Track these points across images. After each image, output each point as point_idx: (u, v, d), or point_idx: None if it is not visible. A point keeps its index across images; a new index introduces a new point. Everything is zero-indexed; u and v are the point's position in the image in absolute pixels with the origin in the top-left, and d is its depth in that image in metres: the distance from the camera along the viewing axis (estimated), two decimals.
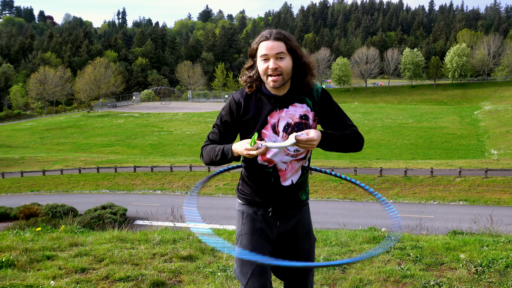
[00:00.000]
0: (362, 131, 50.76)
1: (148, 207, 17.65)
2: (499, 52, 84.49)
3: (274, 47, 2.12)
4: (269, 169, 2.24)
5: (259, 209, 2.30)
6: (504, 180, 21.63)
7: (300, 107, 2.22)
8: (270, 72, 2.12)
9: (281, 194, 2.27)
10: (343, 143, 2.21)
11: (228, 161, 2.19)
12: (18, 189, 28.05)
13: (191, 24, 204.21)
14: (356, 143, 2.25)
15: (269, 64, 2.12)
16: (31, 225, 10.18)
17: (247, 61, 2.32)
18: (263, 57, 2.15)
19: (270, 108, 2.20)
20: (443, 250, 4.41)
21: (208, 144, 2.31)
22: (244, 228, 2.32)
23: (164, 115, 64.08)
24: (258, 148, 2.03)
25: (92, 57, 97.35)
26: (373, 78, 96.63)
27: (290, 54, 2.17)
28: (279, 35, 2.16)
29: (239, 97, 2.26)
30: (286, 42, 2.15)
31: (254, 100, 2.23)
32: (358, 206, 19.82)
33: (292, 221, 2.33)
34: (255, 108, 2.21)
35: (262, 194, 2.28)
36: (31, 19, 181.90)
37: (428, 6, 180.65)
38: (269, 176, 2.24)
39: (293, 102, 2.22)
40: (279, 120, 2.20)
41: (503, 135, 42.22)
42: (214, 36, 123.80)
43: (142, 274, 3.84)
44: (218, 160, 2.21)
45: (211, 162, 2.25)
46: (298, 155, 2.24)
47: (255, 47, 2.20)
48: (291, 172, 2.25)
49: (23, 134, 54.14)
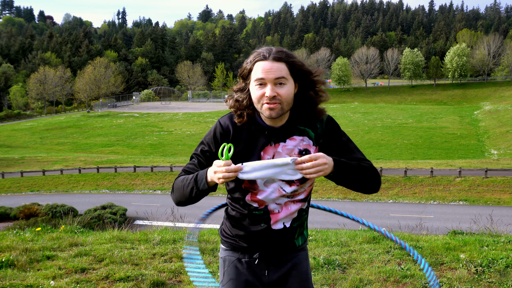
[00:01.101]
0: (362, 131, 50.60)
1: (148, 207, 17.64)
2: (499, 52, 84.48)
3: (272, 70, 1.72)
4: (259, 211, 1.82)
5: (243, 256, 1.89)
6: (504, 180, 21.62)
7: (300, 141, 1.82)
8: (266, 101, 1.72)
9: (271, 239, 1.85)
10: (361, 175, 1.77)
11: (201, 193, 1.74)
12: (18, 189, 28.03)
13: (191, 24, 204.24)
14: (374, 179, 1.81)
15: (266, 91, 1.72)
16: (31, 225, 10.18)
17: (236, 81, 1.91)
18: (258, 81, 1.73)
19: (264, 141, 1.80)
20: (443, 250, 4.41)
21: (182, 175, 1.87)
22: (225, 279, 1.93)
23: (164, 115, 64.07)
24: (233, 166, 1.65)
25: (92, 57, 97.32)
26: (373, 78, 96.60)
27: (293, 78, 1.78)
28: (280, 54, 1.75)
29: (227, 123, 1.84)
30: (289, 63, 1.76)
31: (246, 129, 1.82)
32: (358, 206, 19.80)
33: (284, 269, 1.90)
34: (246, 139, 1.81)
35: (247, 238, 1.86)
36: (31, 19, 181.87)
37: (428, 6, 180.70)
38: (259, 219, 1.83)
39: (292, 134, 1.82)
40: (274, 156, 1.80)
41: (503, 135, 42.21)
42: (214, 36, 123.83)
43: (142, 274, 3.84)
44: (188, 192, 1.76)
45: (181, 197, 1.81)
46: (296, 195, 1.83)
47: (248, 67, 1.78)
48: (284, 214, 1.83)
49: (23, 134, 54.13)
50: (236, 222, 1.89)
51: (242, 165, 1.66)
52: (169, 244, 4.81)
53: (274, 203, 1.81)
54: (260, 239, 1.85)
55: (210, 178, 1.70)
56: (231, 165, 1.64)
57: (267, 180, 1.79)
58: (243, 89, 1.84)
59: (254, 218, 1.83)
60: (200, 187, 1.73)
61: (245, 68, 1.79)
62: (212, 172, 1.68)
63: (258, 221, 1.83)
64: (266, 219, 1.83)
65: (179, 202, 1.86)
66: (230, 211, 1.92)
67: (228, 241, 1.92)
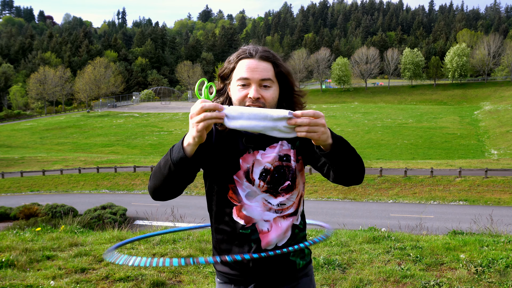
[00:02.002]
0: (362, 131, 50.58)
1: (148, 207, 17.63)
2: (499, 52, 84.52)
3: (258, 69, 1.55)
4: (246, 229, 1.60)
5: (238, 287, 1.66)
6: (504, 180, 21.62)
7: (279, 147, 1.63)
8: (249, 102, 1.53)
9: (265, 265, 1.62)
10: (355, 156, 1.54)
11: (177, 166, 1.44)
12: (18, 189, 28.04)
13: (191, 24, 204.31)
14: (362, 166, 1.59)
15: (249, 92, 1.54)
16: (31, 225, 10.18)
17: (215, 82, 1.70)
18: (241, 81, 1.55)
19: (242, 147, 1.61)
20: (443, 250, 4.41)
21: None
22: None
23: (164, 115, 64.07)
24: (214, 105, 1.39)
25: (92, 57, 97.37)
26: (373, 78, 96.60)
27: (278, 81, 1.60)
28: (268, 53, 1.59)
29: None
30: (276, 64, 1.59)
31: (226, 134, 1.63)
32: (358, 206, 19.80)
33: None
34: (224, 145, 1.62)
35: (238, 264, 1.63)
36: (31, 19, 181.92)
37: (428, 6, 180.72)
38: (247, 239, 1.61)
39: (272, 142, 1.63)
40: (253, 164, 1.61)
41: (503, 135, 42.22)
42: (214, 36, 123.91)
43: (142, 274, 3.84)
44: (166, 171, 1.47)
45: (156, 180, 1.51)
46: (284, 209, 1.63)
47: (230, 66, 1.60)
48: (276, 234, 1.61)
49: (23, 134, 54.14)
50: (225, 246, 1.65)
51: (224, 107, 1.40)
52: (169, 244, 4.81)
53: (262, 219, 1.60)
54: (253, 265, 1.61)
55: (186, 141, 1.43)
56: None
57: (249, 193, 1.61)
58: (220, 90, 1.65)
59: (242, 238, 1.60)
60: (174, 156, 1.43)
61: (227, 68, 1.61)
62: (189, 131, 1.42)
63: (247, 241, 1.60)
64: (255, 240, 1.60)
65: (155, 188, 1.53)
66: (216, 235, 1.69)
67: (220, 272, 1.69)
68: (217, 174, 1.63)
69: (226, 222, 1.63)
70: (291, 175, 1.64)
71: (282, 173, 1.62)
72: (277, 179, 1.62)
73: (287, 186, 1.63)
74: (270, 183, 1.61)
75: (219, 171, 1.62)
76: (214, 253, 1.72)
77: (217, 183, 1.64)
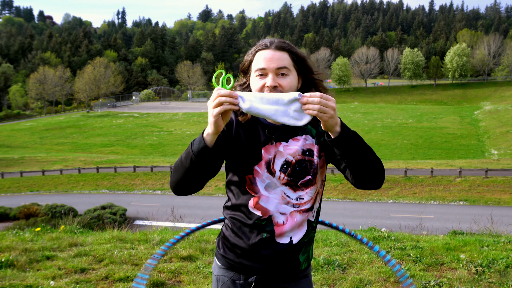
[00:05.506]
0: (362, 131, 50.68)
1: (148, 207, 17.63)
2: (499, 52, 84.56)
3: (274, 59, 1.60)
4: (261, 221, 1.64)
5: (238, 277, 1.69)
6: (504, 180, 21.62)
7: (303, 140, 1.66)
8: (267, 91, 1.58)
9: (274, 255, 1.65)
10: (369, 155, 1.54)
11: (199, 156, 1.51)
12: (17, 189, 28.03)
13: (191, 24, 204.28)
14: (381, 168, 1.58)
15: (267, 81, 1.59)
16: (31, 225, 10.18)
17: (238, 77, 1.77)
18: (259, 71, 1.61)
19: (264, 138, 1.65)
20: (443, 250, 4.41)
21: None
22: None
23: (164, 115, 64.07)
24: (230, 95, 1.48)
25: (91, 57, 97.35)
26: (373, 78, 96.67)
27: (296, 70, 1.65)
28: (283, 43, 1.65)
29: (231, 115, 1.69)
30: (291, 52, 1.64)
31: (248, 125, 1.67)
32: (358, 206, 19.80)
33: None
34: (246, 136, 1.66)
35: (247, 251, 1.66)
36: (30, 19, 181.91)
37: (428, 6, 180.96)
38: (261, 230, 1.65)
39: (295, 134, 1.66)
40: (275, 156, 1.63)
41: (503, 135, 42.22)
42: (214, 36, 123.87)
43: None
44: (188, 163, 1.53)
45: (179, 173, 1.58)
46: (301, 204, 1.66)
47: (249, 58, 1.67)
48: (290, 226, 1.65)
49: (22, 134, 54.13)
50: (234, 233, 1.69)
51: (239, 93, 1.49)
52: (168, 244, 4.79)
53: (278, 212, 1.64)
54: (262, 253, 1.65)
55: (206, 131, 1.51)
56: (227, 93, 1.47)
57: (269, 184, 1.64)
58: (243, 84, 1.72)
59: (257, 227, 1.64)
60: (195, 148, 1.51)
61: (246, 61, 1.69)
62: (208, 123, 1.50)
63: (261, 231, 1.64)
64: (270, 231, 1.64)
65: (177, 182, 1.59)
66: (228, 222, 1.73)
67: (224, 257, 1.72)
68: (238, 164, 1.66)
69: (242, 212, 1.67)
70: (313, 170, 1.66)
71: (303, 167, 1.64)
72: (298, 172, 1.64)
73: (307, 181, 1.65)
74: (290, 176, 1.63)
75: (241, 161, 1.65)
76: (220, 244, 1.76)
77: (237, 173, 1.67)
